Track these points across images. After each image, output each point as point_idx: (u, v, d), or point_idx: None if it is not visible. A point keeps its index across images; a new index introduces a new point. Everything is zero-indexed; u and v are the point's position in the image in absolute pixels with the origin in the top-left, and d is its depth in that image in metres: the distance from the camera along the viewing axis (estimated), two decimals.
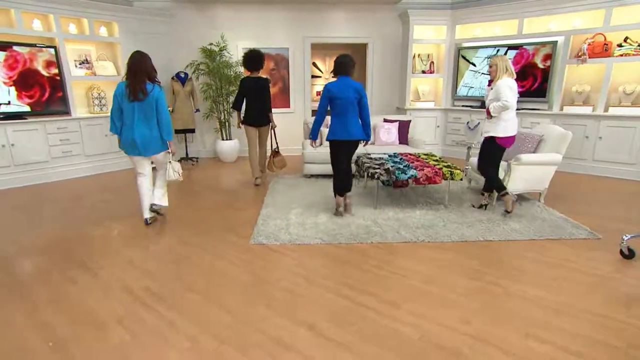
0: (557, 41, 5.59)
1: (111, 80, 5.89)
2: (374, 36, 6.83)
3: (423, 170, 3.92)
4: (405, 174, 3.89)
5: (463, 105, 6.69)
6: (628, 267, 2.83)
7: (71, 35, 5.36)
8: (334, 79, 3.70)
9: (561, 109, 5.71)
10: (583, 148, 5.51)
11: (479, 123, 5.08)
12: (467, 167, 4.76)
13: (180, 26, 6.37)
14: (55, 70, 5.22)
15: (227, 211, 4.14)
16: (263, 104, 4.86)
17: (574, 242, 3.26)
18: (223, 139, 6.54)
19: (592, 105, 5.45)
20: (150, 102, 3.35)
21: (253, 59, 4.79)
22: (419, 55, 6.74)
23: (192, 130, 6.44)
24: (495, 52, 6.14)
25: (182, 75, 6.15)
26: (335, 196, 3.89)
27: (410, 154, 4.72)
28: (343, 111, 3.60)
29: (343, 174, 3.80)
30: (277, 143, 5.16)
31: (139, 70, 3.31)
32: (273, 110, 6.41)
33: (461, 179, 4.00)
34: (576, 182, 5.14)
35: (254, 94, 4.80)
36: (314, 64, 8.54)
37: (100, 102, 5.82)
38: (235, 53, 6.58)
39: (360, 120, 3.69)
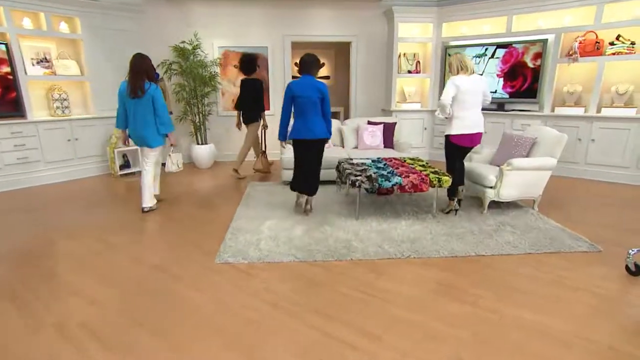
0: (547, 39, 5.35)
1: (74, 81, 5.45)
2: (358, 34, 6.52)
3: (409, 177, 3.60)
4: (389, 181, 3.56)
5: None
6: (636, 285, 2.53)
7: (26, 31, 4.90)
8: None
9: (552, 110, 5.46)
10: (575, 151, 5.27)
11: None
12: None
13: (150, 23, 5.96)
14: (7, 69, 4.76)
15: (195, 223, 3.75)
16: (255, 103, 5.20)
17: (573, 256, 2.96)
18: (198, 144, 6.14)
19: (584, 106, 5.22)
20: (147, 99, 3.72)
21: (245, 62, 5.19)
22: (404, 54, 6.45)
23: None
24: (483, 51, 5.88)
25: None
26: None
27: (395, 159, 4.40)
28: (305, 110, 3.58)
29: (304, 176, 3.79)
30: (265, 144, 5.61)
31: (138, 70, 3.69)
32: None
33: (454, 195, 3.68)
34: (569, 187, 4.88)
35: (247, 94, 5.20)
36: (297, 64, 8.20)
37: (62, 104, 5.37)
38: (211, 52, 6.19)
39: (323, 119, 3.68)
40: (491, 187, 3.80)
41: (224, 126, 6.58)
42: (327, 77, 8.39)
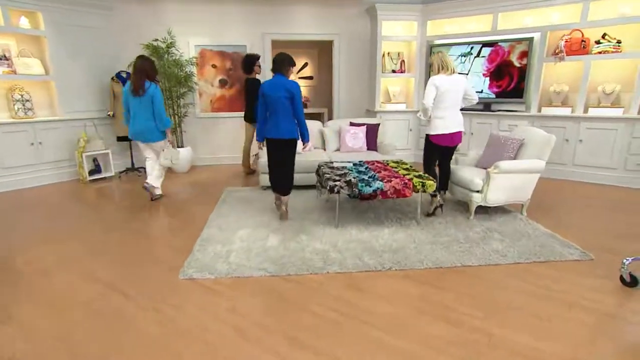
0: (533, 38, 5.21)
1: (38, 80, 5.09)
2: (341, 33, 6.30)
3: (391, 181, 3.38)
4: (370, 186, 3.33)
5: None
6: (632, 298, 2.35)
7: None
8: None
9: (539, 111, 5.33)
10: (563, 152, 5.13)
11: None
12: None
13: (121, 20, 5.64)
14: None
15: (164, 233, 3.47)
16: (254, 102, 5.03)
17: (564, 266, 2.77)
18: (174, 147, 5.81)
19: (571, 106, 5.09)
20: (148, 98, 3.99)
21: (245, 62, 5.23)
22: (388, 53, 6.26)
23: None
24: (469, 49, 5.72)
25: (124, 75, 5.41)
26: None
27: (378, 162, 4.18)
28: (274, 109, 3.51)
29: (275, 176, 3.74)
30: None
31: (140, 71, 3.96)
32: (230, 114, 5.83)
33: (434, 191, 3.48)
34: (557, 190, 4.73)
35: (247, 94, 5.31)
36: None
37: (24, 105, 5.01)
38: (187, 51, 5.90)
39: (295, 120, 3.57)
40: (478, 192, 3.61)
41: (202, 128, 6.28)
42: (310, 78, 8.16)
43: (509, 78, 5.47)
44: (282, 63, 3.49)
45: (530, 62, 5.28)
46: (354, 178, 3.44)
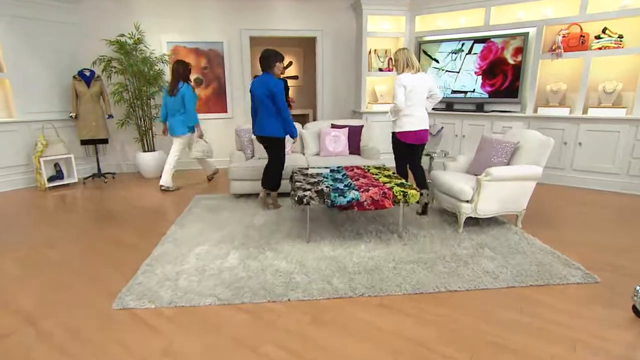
0: (528, 33, 4.84)
1: None
2: (324, 29, 5.92)
3: (368, 190, 2.98)
4: (345, 197, 2.93)
5: None
6: None
7: None
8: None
9: (535, 111, 4.96)
10: (561, 155, 4.76)
11: (442, 128, 4.24)
12: (428, 181, 3.87)
13: (88, 14, 5.23)
14: None
15: (113, 248, 3.06)
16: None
17: (565, 290, 2.38)
18: (145, 151, 5.42)
19: (569, 107, 4.72)
20: (179, 96, 4.45)
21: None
22: (375, 50, 5.88)
23: (105, 141, 5.28)
24: (459, 46, 5.35)
25: (87, 74, 4.99)
26: None
27: (359, 168, 3.79)
28: (257, 107, 3.65)
29: (264, 170, 3.86)
30: None
31: (175, 73, 4.47)
32: (206, 115, 5.49)
33: (418, 202, 3.08)
34: (555, 197, 4.35)
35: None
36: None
37: None
38: (159, 48, 5.49)
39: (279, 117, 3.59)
40: (467, 202, 3.22)
41: None
42: (295, 77, 7.77)
43: (502, 76, 5.10)
44: (267, 59, 3.46)
45: (526, 59, 4.91)
46: (327, 187, 3.04)
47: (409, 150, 3.65)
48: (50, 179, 4.94)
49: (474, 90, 5.33)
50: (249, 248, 3.01)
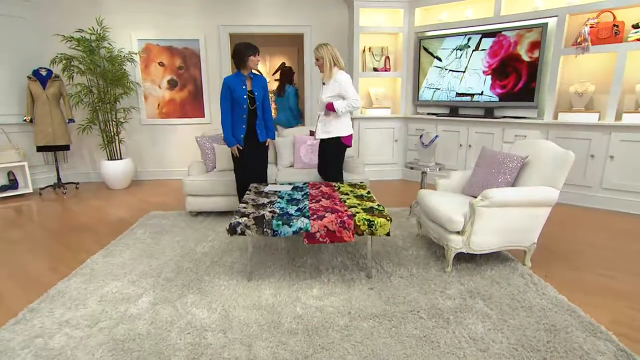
0: (547, 24, 4.04)
1: None
2: (312, 24, 5.29)
3: (323, 218, 2.29)
4: (290, 226, 2.26)
5: (428, 113, 5.11)
6: None
7: None
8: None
9: (555, 117, 4.13)
10: (587, 171, 3.92)
11: (437, 137, 3.51)
12: (414, 202, 3.13)
13: (48, 8, 4.79)
14: None
15: (10, 281, 2.48)
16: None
17: None
18: (110, 159, 4.91)
19: (598, 112, 3.88)
20: (286, 97, 5.16)
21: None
22: (369, 48, 5.20)
23: (65, 147, 4.80)
24: (465, 41, 4.59)
25: (43, 74, 4.53)
26: None
27: (328, 184, 3.10)
28: (248, 110, 3.21)
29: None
30: None
31: (282, 77, 5.21)
32: (181, 120, 5.01)
33: (388, 234, 2.36)
34: (578, 223, 3.52)
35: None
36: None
37: None
38: (128, 45, 5.00)
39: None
40: (458, 233, 2.48)
41: (148, 137, 5.36)
42: None
43: (515, 76, 4.30)
44: (237, 55, 3.06)
45: (544, 55, 4.10)
46: (271, 212, 2.37)
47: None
48: (2, 189, 4.49)
49: (482, 92, 4.55)
50: (172, 287, 2.37)
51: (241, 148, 3.17)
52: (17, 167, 4.59)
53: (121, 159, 4.95)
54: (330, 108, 3.06)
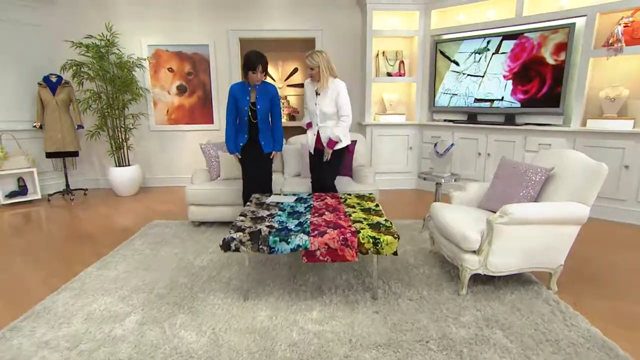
0: (574, 24, 3.76)
1: None
2: (325, 28, 5.14)
3: (324, 234, 2.10)
4: (288, 242, 2.08)
5: (445, 120, 4.87)
6: None
7: None
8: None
9: (584, 124, 3.83)
10: (621, 183, 3.59)
11: (452, 145, 3.27)
12: (427, 215, 2.90)
13: (62, 15, 4.81)
14: None
15: (2, 293, 2.40)
16: None
17: None
18: (118, 165, 4.86)
19: (633, 118, 3.56)
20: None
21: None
22: (383, 53, 5.00)
23: (74, 154, 4.78)
24: (485, 44, 4.34)
25: (53, 80, 4.54)
26: None
27: (334, 196, 2.91)
28: (254, 120, 3.13)
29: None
30: None
31: None
32: (190, 126, 4.94)
33: (395, 253, 2.14)
34: (611, 241, 3.20)
35: None
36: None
37: None
38: (138, 51, 4.97)
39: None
40: (473, 252, 2.24)
41: (157, 143, 5.30)
42: (301, 85, 7.02)
43: (539, 80, 4.02)
44: (242, 68, 2.96)
45: (571, 57, 3.81)
46: (269, 227, 2.20)
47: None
48: (11, 195, 4.49)
49: (503, 98, 4.28)
50: (162, 305, 2.22)
51: (239, 157, 3.08)
52: (27, 173, 4.59)
53: (129, 165, 4.90)
54: (332, 146, 2.98)
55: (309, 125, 3.19)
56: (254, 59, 2.85)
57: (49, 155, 4.63)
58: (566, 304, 2.17)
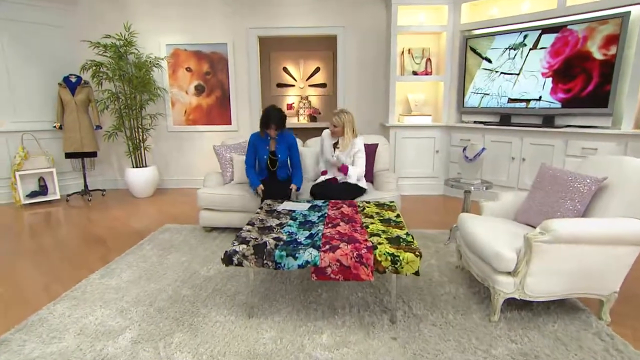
0: (628, 13, 3.34)
1: None
2: (347, 25, 4.90)
3: (336, 250, 1.87)
4: (296, 257, 1.86)
5: (475, 122, 4.52)
6: None
7: None
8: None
9: (637, 126, 3.40)
10: None
11: (483, 150, 2.95)
12: (454, 225, 2.61)
13: (82, 16, 4.81)
14: None
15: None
16: None
17: None
18: (135, 166, 4.81)
19: None
20: None
21: None
22: (409, 50, 4.71)
23: (93, 154, 4.77)
24: (521, 39, 3.97)
25: (73, 80, 4.53)
26: None
27: (351, 204, 2.67)
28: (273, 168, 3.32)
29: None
30: None
31: None
32: (208, 127, 4.82)
33: (417, 273, 1.88)
34: None
35: None
36: (285, 70, 6.71)
37: None
38: (157, 50, 4.91)
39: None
40: (508, 274, 1.94)
41: (174, 144, 5.23)
42: (323, 85, 6.79)
43: (584, 78, 3.62)
44: (260, 121, 3.17)
45: (623, 51, 3.39)
46: (276, 239, 1.99)
47: None
48: (32, 195, 4.51)
49: (540, 97, 3.90)
50: (161, 321, 2.05)
51: (262, 189, 3.12)
52: (47, 174, 4.60)
53: (145, 166, 4.84)
54: (345, 171, 3.11)
55: (324, 172, 3.35)
56: (269, 117, 3.05)
57: (68, 155, 4.63)
58: (623, 339, 1.84)
